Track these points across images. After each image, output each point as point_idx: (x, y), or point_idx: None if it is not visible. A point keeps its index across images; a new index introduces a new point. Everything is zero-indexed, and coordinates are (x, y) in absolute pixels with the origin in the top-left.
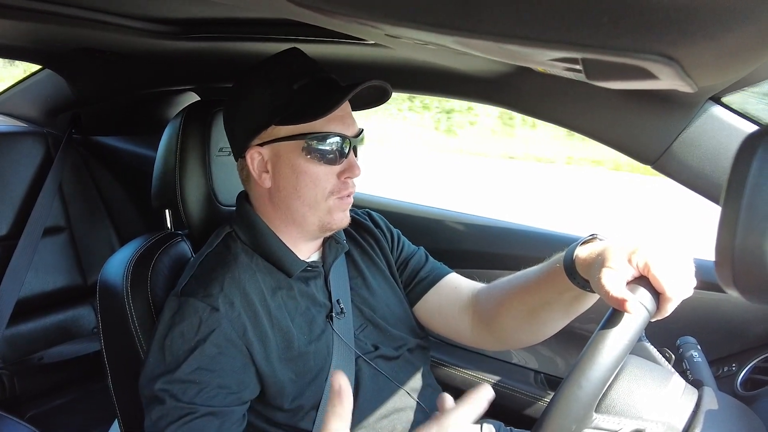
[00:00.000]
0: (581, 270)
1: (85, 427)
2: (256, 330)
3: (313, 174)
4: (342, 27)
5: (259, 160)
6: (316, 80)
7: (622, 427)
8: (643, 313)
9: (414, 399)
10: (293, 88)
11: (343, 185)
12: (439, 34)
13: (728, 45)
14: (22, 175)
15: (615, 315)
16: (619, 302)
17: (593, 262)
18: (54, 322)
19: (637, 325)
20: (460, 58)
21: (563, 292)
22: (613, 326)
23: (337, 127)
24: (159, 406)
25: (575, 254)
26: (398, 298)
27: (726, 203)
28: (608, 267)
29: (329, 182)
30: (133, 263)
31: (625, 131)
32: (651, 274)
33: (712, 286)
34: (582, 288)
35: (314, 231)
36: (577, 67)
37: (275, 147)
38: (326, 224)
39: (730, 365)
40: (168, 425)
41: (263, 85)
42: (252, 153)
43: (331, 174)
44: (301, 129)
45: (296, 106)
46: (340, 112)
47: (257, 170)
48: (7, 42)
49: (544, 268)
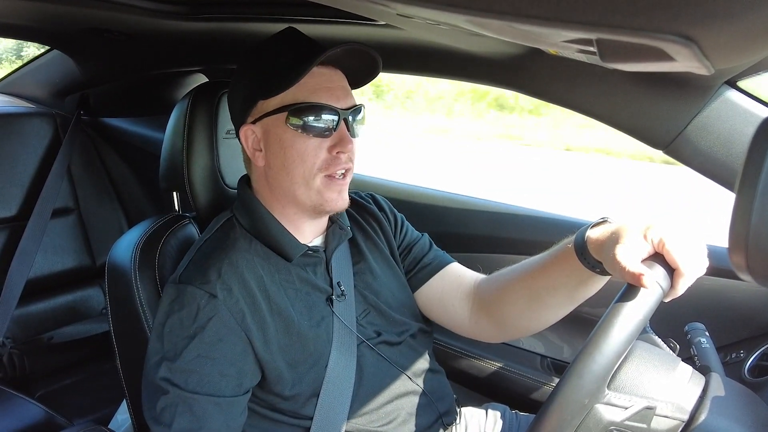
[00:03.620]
0: (593, 250)
1: (94, 406)
2: (255, 316)
3: (300, 148)
4: (354, 6)
5: (252, 139)
6: (303, 53)
7: (633, 404)
8: (657, 289)
9: (417, 384)
10: (279, 62)
11: (334, 160)
12: (452, 12)
13: (748, 26)
14: (31, 156)
15: (630, 290)
16: (635, 277)
17: (607, 240)
18: (63, 303)
19: (651, 301)
20: (471, 39)
21: (571, 274)
22: (628, 301)
23: (323, 97)
24: (162, 396)
25: (587, 235)
26: (401, 283)
27: (741, 189)
28: (623, 244)
29: (318, 157)
30: (141, 245)
31: (638, 115)
32: (665, 250)
33: (722, 271)
34: (592, 269)
35: (310, 211)
36: (591, 48)
37: (265, 123)
38: (319, 205)
39: (738, 352)
40: (173, 417)
41: (253, 63)
42: (245, 131)
43: (320, 148)
44: (286, 100)
45: (277, 77)
46: (328, 83)
47: (251, 148)
48: (17, 22)
49: (552, 252)
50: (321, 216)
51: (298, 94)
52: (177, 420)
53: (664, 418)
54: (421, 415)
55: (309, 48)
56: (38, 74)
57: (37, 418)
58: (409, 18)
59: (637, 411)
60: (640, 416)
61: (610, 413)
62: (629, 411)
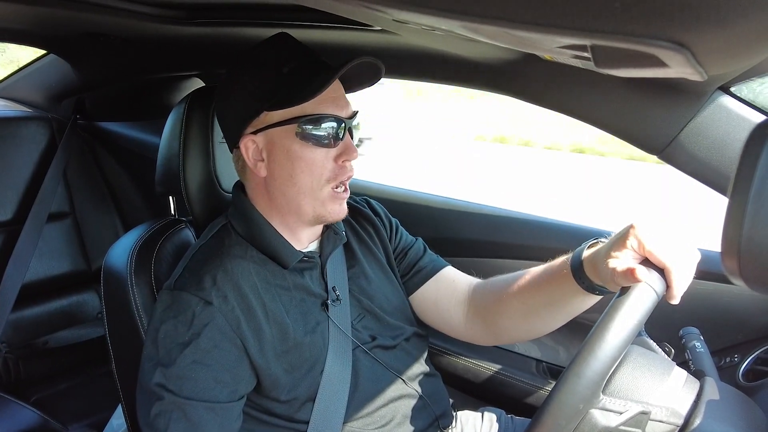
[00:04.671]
0: (590, 273)
1: (89, 411)
2: (251, 323)
3: (309, 159)
4: (349, 12)
5: (253, 149)
6: (305, 63)
7: (627, 409)
8: (650, 292)
9: (412, 387)
10: (282, 72)
11: (341, 169)
12: (447, 18)
13: (741, 32)
14: (27, 160)
15: (624, 295)
16: (626, 275)
17: (599, 260)
18: (58, 307)
19: (646, 305)
20: (467, 44)
21: (567, 292)
22: (622, 305)
23: (330, 108)
24: (157, 401)
25: (582, 258)
26: (395, 287)
27: (734, 194)
28: (611, 257)
29: (326, 167)
30: (137, 249)
31: (632, 120)
32: (647, 251)
33: (716, 276)
34: (588, 291)
35: (310, 220)
36: (586, 54)
37: (269, 134)
38: (320, 215)
39: (733, 356)
40: (168, 423)
41: (251, 72)
42: (246, 142)
43: (327, 158)
44: (294, 113)
45: (286, 90)
46: (333, 93)
47: (252, 159)
48: (13, 26)
49: (548, 271)
50: (320, 224)
51: (306, 105)
52: (171, 426)
53: (659, 423)
54: (416, 418)
55: (309, 57)
56: (34, 78)
57: (32, 423)
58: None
59: (632, 416)
60: (635, 421)
61: (605, 418)
62: (624, 416)
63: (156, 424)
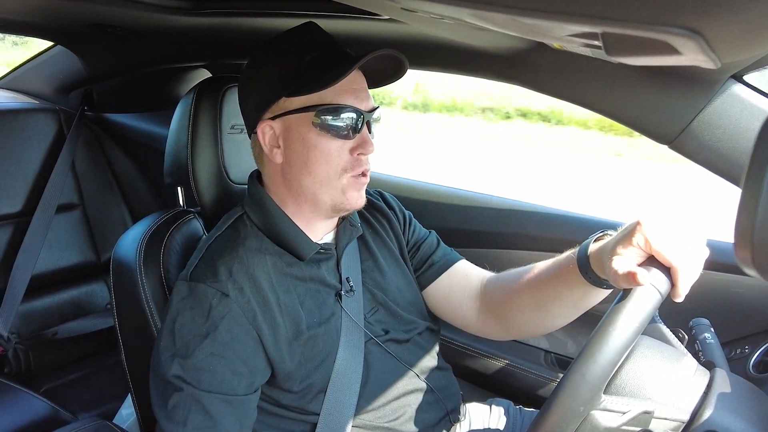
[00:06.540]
0: (596, 267)
1: (98, 401)
2: (266, 316)
3: (324, 149)
4: (357, 1)
5: (270, 135)
6: (328, 52)
7: (630, 409)
8: (653, 292)
9: (424, 381)
10: (305, 60)
11: (356, 162)
12: (456, 6)
13: (755, 18)
14: (35, 152)
15: (626, 295)
16: (628, 278)
17: (604, 256)
18: (68, 298)
19: (648, 305)
20: (475, 33)
21: (575, 287)
22: (624, 307)
23: (349, 99)
24: (175, 392)
25: (588, 252)
26: (408, 281)
27: (747, 183)
28: (616, 254)
29: (342, 158)
30: (146, 240)
31: (643, 110)
32: (654, 250)
33: (727, 267)
34: (595, 285)
35: (327, 210)
36: (596, 42)
37: (286, 120)
38: (339, 204)
39: (743, 347)
40: (187, 415)
41: (274, 59)
42: (263, 127)
43: (343, 150)
44: (312, 100)
45: (306, 77)
46: (353, 84)
47: (268, 145)
48: (21, 18)
49: (556, 265)
50: (337, 215)
51: (325, 94)
52: (191, 418)
53: (663, 421)
54: (428, 411)
55: (333, 47)
56: (42, 70)
57: (42, 413)
58: (413, 12)
59: (635, 416)
60: (638, 420)
61: (607, 419)
62: (627, 416)
63: (174, 415)
